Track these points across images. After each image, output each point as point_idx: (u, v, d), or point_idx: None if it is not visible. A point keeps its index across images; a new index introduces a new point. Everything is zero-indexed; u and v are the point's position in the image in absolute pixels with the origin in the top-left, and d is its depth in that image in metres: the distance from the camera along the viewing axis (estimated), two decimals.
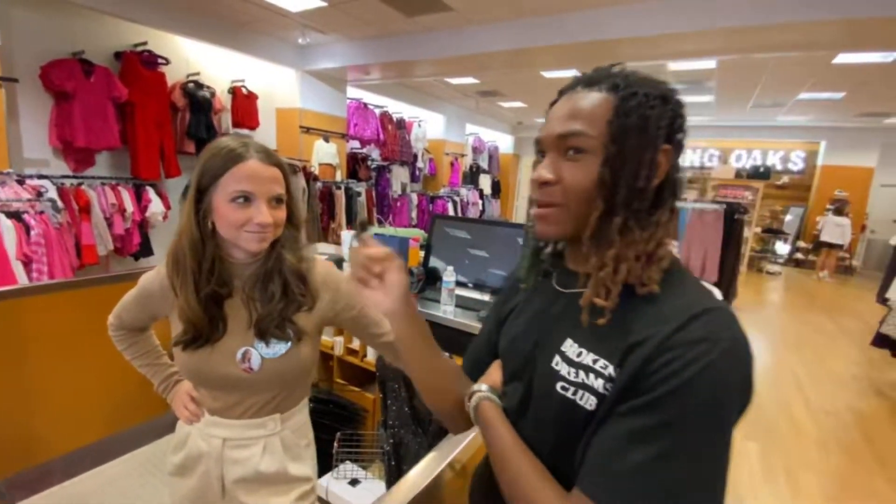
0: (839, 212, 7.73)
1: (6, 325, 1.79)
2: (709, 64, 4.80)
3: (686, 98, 0.58)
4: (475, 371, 0.74)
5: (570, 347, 0.56)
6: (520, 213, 11.27)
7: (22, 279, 2.59)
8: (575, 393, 0.54)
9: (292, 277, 0.90)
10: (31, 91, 3.23)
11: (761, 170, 8.36)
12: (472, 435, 1.07)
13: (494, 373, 0.70)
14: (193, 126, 3.98)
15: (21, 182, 2.86)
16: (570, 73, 5.24)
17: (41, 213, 2.76)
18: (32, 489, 1.89)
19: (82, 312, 1.97)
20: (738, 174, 8.38)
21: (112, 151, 3.63)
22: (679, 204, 0.59)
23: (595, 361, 0.53)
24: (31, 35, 3.23)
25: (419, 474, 1.02)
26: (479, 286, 1.99)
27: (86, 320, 1.91)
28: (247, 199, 0.81)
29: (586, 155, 0.54)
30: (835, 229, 7.61)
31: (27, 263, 2.65)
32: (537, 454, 0.57)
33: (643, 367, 0.47)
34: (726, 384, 0.46)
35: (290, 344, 0.90)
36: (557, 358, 0.57)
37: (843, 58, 4.26)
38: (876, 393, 3.54)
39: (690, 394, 0.45)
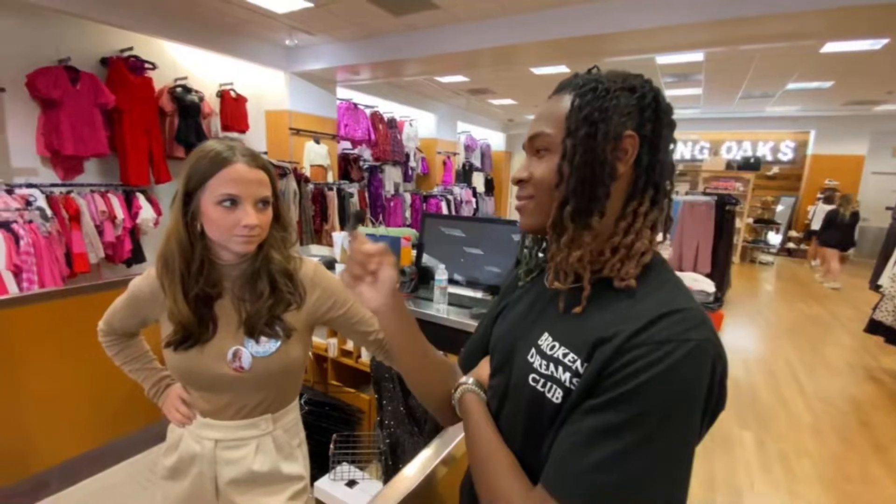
0: (830, 200, 7.78)
1: None
2: (696, 57, 4.82)
3: (674, 91, 0.59)
4: (469, 366, 0.75)
5: (545, 340, 0.57)
6: (514, 211, 11.28)
7: (12, 289, 2.57)
8: (544, 385, 0.54)
9: (280, 276, 0.91)
10: (17, 100, 3.20)
11: (751, 161, 8.38)
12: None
13: (483, 367, 0.71)
14: (182, 131, 3.95)
15: (10, 191, 2.84)
16: (560, 70, 5.26)
17: (30, 222, 2.74)
18: (30, 498, 1.87)
19: (74, 321, 1.95)
20: (729, 165, 8.40)
21: (101, 158, 3.60)
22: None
23: (565, 355, 0.53)
24: (16, 43, 3.20)
25: (414, 471, 1.02)
26: (472, 284, 2.00)
27: (78, 329, 1.90)
28: (233, 201, 0.82)
29: (549, 153, 0.58)
30: None
31: (17, 274, 2.63)
32: (510, 447, 0.58)
33: (607, 363, 0.48)
34: (690, 386, 0.46)
35: (279, 342, 0.90)
36: (533, 350, 0.58)
37: (831, 46, 4.29)
38: (870, 379, 3.57)
39: (652, 394, 0.45)
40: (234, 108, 4.50)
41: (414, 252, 2.21)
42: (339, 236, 2.29)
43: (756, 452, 2.52)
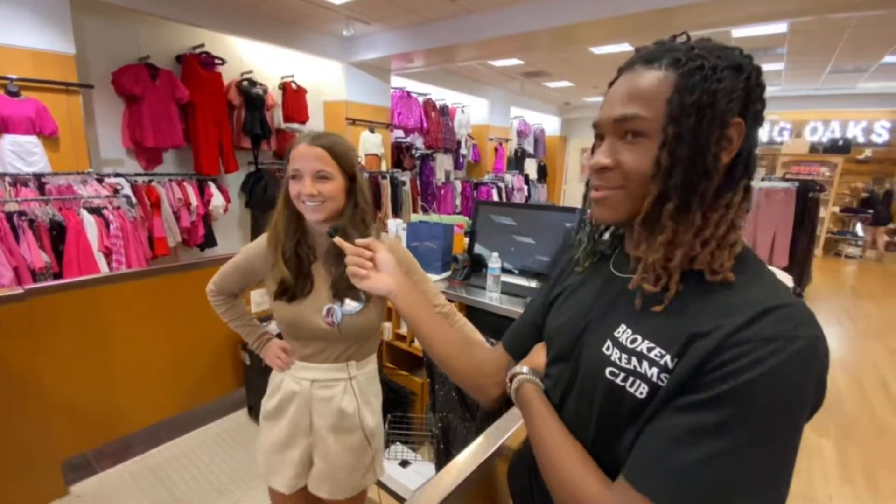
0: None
1: (91, 311, 1.98)
2: (779, 28, 4.39)
3: None
4: (516, 350, 0.76)
5: (623, 333, 0.55)
6: (568, 198, 10.97)
7: (104, 269, 2.84)
8: (625, 380, 0.52)
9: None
10: (104, 96, 3.50)
11: (840, 143, 7.57)
12: (522, 422, 1.06)
13: (538, 355, 0.70)
14: (248, 123, 4.16)
15: (100, 180, 3.12)
16: (622, 48, 4.99)
17: (118, 208, 3.00)
18: (117, 459, 2.10)
19: (157, 299, 2.13)
20: (814, 148, 7.63)
21: (177, 150, 3.88)
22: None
23: (650, 349, 0.51)
24: (102, 43, 3.49)
25: (467, 459, 1.03)
26: (525, 273, 1.96)
27: (161, 306, 2.07)
28: (297, 175, 1.01)
29: (644, 138, 0.52)
30: None
31: (108, 255, 2.90)
32: (578, 440, 0.57)
33: (707, 360, 0.46)
34: (798, 387, 0.44)
35: (363, 304, 1.08)
36: (609, 342, 0.56)
37: None
38: None
39: (758, 393, 0.43)
40: (294, 100, 4.67)
41: (466, 240, 2.21)
42: (394, 223, 2.33)
43: (836, 463, 2.31)
